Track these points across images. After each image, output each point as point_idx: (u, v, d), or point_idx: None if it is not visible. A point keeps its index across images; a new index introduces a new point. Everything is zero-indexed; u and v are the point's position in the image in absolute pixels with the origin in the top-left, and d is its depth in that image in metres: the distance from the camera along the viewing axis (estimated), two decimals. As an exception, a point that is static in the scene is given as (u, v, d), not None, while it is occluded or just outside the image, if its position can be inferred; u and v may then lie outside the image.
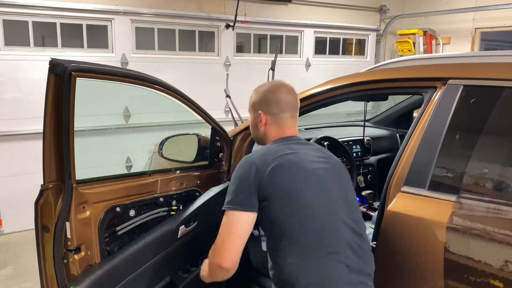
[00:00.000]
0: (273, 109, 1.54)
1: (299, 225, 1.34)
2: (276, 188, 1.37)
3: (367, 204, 2.96)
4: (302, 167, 1.42)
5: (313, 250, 1.33)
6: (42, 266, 1.57)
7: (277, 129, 1.55)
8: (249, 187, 1.36)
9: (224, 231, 1.37)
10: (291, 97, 1.57)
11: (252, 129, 1.64)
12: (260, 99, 1.57)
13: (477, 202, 1.42)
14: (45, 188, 1.50)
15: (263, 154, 1.44)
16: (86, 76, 1.47)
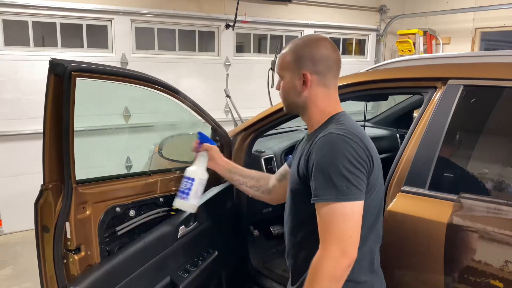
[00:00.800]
0: (320, 67, 1.28)
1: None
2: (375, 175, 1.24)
3: (367, 204, 2.95)
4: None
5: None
6: (42, 266, 1.57)
7: (325, 95, 1.31)
8: (363, 169, 1.16)
9: (350, 225, 1.12)
10: (337, 52, 1.33)
11: (288, 95, 1.35)
12: (302, 56, 1.29)
13: (477, 202, 1.42)
14: (45, 188, 1.50)
15: (357, 132, 1.22)
16: (86, 76, 1.47)
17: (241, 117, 2.71)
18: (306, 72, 1.28)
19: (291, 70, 1.31)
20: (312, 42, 1.31)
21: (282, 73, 1.34)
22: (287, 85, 1.33)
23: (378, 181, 1.27)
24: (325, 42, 1.32)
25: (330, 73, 1.30)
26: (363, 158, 1.16)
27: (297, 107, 1.36)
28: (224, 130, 2.17)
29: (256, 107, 2.65)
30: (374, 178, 1.23)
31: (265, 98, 3.00)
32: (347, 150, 1.15)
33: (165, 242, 1.80)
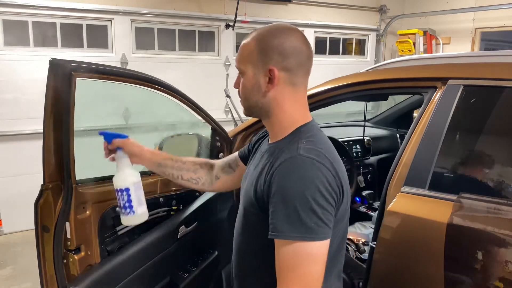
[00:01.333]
0: (290, 62, 1.06)
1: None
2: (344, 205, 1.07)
3: (367, 204, 2.96)
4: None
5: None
6: (42, 266, 1.57)
7: (292, 97, 1.10)
8: (332, 202, 0.99)
9: (316, 266, 0.96)
10: (309, 46, 1.11)
11: (249, 95, 1.11)
12: (269, 47, 1.06)
13: (477, 202, 1.42)
14: (45, 188, 1.50)
15: (330, 153, 1.04)
16: (86, 76, 1.47)
17: (241, 117, 2.71)
18: (273, 67, 1.06)
19: (255, 64, 1.08)
20: (282, 32, 1.08)
21: (243, 67, 1.10)
22: (249, 82, 1.09)
23: (347, 209, 1.10)
24: (297, 33, 1.10)
25: (301, 70, 1.09)
26: (334, 188, 0.99)
27: (259, 110, 1.12)
28: (224, 130, 2.17)
29: (256, 107, 2.64)
30: (344, 208, 1.06)
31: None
32: (318, 179, 0.96)
33: (165, 242, 1.80)
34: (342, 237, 1.12)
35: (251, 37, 1.10)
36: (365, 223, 2.68)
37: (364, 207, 2.96)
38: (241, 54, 1.11)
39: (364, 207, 2.95)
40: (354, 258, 2.29)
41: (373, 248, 1.64)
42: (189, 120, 2.16)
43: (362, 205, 2.99)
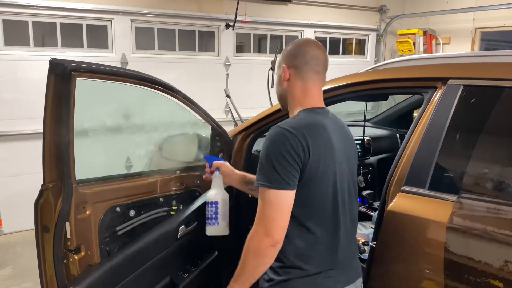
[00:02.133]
0: (297, 61, 1.40)
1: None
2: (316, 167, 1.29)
3: (367, 204, 2.96)
4: (332, 150, 1.34)
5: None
6: (42, 266, 1.57)
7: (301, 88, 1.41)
8: (293, 163, 1.25)
9: (273, 210, 1.24)
10: (319, 50, 1.44)
11: (276, 86, 1.52)
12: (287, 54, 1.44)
13: (477, 202, 1.42)
14: (45, 188, 1.50)
15: (300, 126, 1.30)
16: (86, 76, 1.47)
17: (241, 117, 2.71)
18: (285, 65, 1.42)
19: (279, 66, 1.47)
20: (296, 42, 1.47)
21: (276, 72, 1.52)
22: (276, 78, 1.50)
23: (322, 173, 1.30)
24: (307, 40, 1.47)
25: (307, 67, 1.40)
26: (297, 152, 1.25)
27: (281, 99, 1.49)
28: (224, 130, 2.17)
29: (256, 107, 2.65)
30: (313, 170, 1.28)
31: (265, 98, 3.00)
32: (282, 144, 1.25)
33: (165, 242, 1.81)
34: (325, 207, 1.33)
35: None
36: (365, 223, 2.68)
37: (364, 207, 2.95)
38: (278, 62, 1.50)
39: (364, 207, 2.95)
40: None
41: (373, 248, 1.64)
42: (189, 120, 2.16)
43: (362, 205, 2.99)
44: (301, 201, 1.29)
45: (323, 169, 1.30)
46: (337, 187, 1.35)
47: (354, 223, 1.47)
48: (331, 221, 1.35)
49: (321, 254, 1.34)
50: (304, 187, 1.29)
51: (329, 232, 1.35)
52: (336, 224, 1.36)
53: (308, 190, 1.29)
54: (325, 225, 1.34)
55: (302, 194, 1.29)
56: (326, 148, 1.32)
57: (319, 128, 1.34)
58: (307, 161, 1.26)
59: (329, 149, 1.33)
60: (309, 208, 1.32)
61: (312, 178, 1.29)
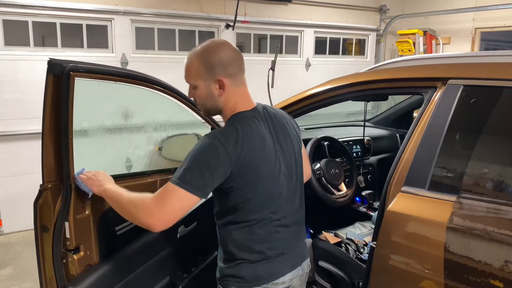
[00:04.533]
0: (231, 70, 1.38)
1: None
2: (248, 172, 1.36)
3: (367, 204, 2.96)
4: (267, 153, 1.40)
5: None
6: (42, 266, 1.57)
7: (236, 93, 1.41)
8: (211, 174, 1.30)
9: (172, 205, 1.29)
10: (240, 53, 1.43)
11: (206, 101, 1.43)
12: (213, 63, 1.36)
13: (477, 202, 1.42)
14: (44, 188, 1.50)
15: (232, 136, 1.34)
16: (85, 76, 1.47)
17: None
18: (221, 77, 1.37)
19: (205, 78, 1.39)
20: (217, 48, 1.39)
21: (195, 82, 1.42)
22: (203, 92, 1.41)
23: (248, 178, 1.35)
24: (228, 45, 1.42)
25: (240, 73, 1.42)
26: (221, 163, 1.29)
27: (214, 110, 1.46)
28: (224, 130, 2.16)
29: (256, 107, 2.64)
30: (242, 178, 1.34)
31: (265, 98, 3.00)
32: (210, 154, 1.30)
33: (165, 242, 1.80)
34: (259, 208, 1.40)
35: (194, 56, 1.42)
36: (365, 223, 2.68)
37: (364, 207, 2.95)
38: (189, 73, 1.43)
39: (364, 207, 2.95)
40: (354, 258, 2.29)
41: (373, 248, 1.64)
42: (189, 120, 2.16)
43: (362, 205, 2.99)
44: (237, 201, 1.37)
45: (255, 177, 1.36)
46: (275, 179, 1.41)
47: (301, 203, 1.56)
48: (272, 213, 1.42)
49: (265, 242, 1.42)
50: (239, 189, 1.35)
51: (273, 221, 1.43)
52: (281, 213, 1.45)
53: (243, 192, 1.36)
54: (268, 218, 1.42)
55: (238, 195, 1.36)
56: (260, 156, 1.36)
57: (254, 137, 1.37)
58: (231, 170, 1.31)
59: (263, 156, 1.37)
60: (245, 208, 1.38)
61: (247, 182, 1.35)
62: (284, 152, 1.46)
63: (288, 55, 5.75)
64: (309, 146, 2.62)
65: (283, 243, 1.46)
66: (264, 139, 1.39)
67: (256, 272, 1.42)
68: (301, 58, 5.80)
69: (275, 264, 1.44)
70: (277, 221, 1.44)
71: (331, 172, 2.61)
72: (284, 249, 1.46)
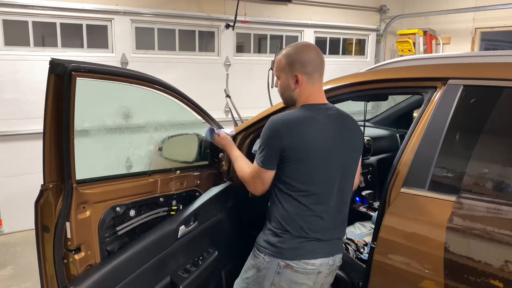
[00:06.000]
0: (307, 68, 1.59)
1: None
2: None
3: (367, 204, 2.96)
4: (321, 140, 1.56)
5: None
6: (42, 266, 1.57)
7: (310, 90, 1.61)
8: (272, 149, 1.53)
9: (255, 180, 1.61)
10: (320, 54, 1.64)
11: (284, 91, 1.68)
12: (294, 60, 1.61)
13: (477, 202, 1.42)
14: (45, 188, 1.50)
15: (290, 119, 1.55)
16: (86, 76, 1.47)
17: (241, 117, 2.71)
18: (297, 73, 1.59)
19: (286, 72, 1.62)
20: (301, 49, 1.62)
21: (279, 74, 1.67)
22: (283, 84, 1.65)
23: (299, 155, 1.53)
24: (311, 47, 1.64)
25: (317, 72, 1.61)
26: (276, 138, 1.52)
27: (290, 100, 1.68)
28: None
29: (256, 107, 2.65)
30: (290, 153, 1.53)
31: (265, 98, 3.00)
32: (269, 133, 1.54)
33: (165, 242, 1.81)
34: (306, 181, 1.55)
35: (282, 54, 1.65)
36: (365, 223, 2.68)
37: (364, 207, 2.96)
38: (276, 66, 1.67)
39: (364, 207, 2.95)
40: (354, 258, 2.29)
41: (373, 248, 1.64)
42: (189, 120, 2.16)
43: (362, 205, 2.99)
44: (288, 173, 1.55)
45: (306, 158, 1.53)
46: (326, 168, 1.56)
47: (345, 202, 1.66)
48: (319, 194, 1.56)
49: (307, 221, 1.55)
50: (290, 162, 1.53)
51: (317, 203, 1.56)
52: (325, 200, 1.57)
53: (294, 166, 1.54)
54: (313, 197, 1.56)
55: (290, 168, 1.54)
56: (315, 138, 1.54)
57: (311, 122, 1.55)
58: (283, 146, 1.51)
59: (317, 141, 1.54)
60: (295, 179, 1.55)
61: (290, 159, 1.53)
62: (341, 150, 1.59)
63: (288, 55, 5.74)
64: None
65: (322, 229, 1.58)
66: (323, 130, 1.55)
67: (293, 246, 1.55)
68: (301, 58, 5.79)
69: (311, 246, 1.56)
70: (322, 205, 1.57)
71: (331, 172, 2.61)
72: (322, 235, 1.58)
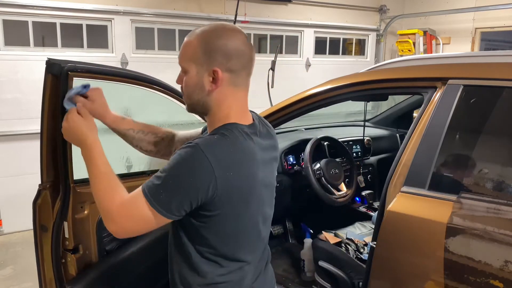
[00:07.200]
0: (232, 63, 1.10)
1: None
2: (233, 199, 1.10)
3: (367, 204, 2.96)
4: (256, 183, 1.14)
5: None
6: (41, 266, 1.57)
7: (232, 96, 1.14)
8: (189, 195, 1.03)
9: (138, 219, 1.07)
10: (252, 49, 1.17)
11: (192, 93, 1.14)
12: (214, 48, 1.08)
13: (477, 202, 1.42)
14: (43, 188, 1.50)
15: (224, 153, 1.06)
16: (83, 76, 1.47)
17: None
18: (217, 68, 1.09)
19: (199, 63, 1.10)
20: (227, 33, 1.11)
21: (186, 66, 1.12)
22: (192, 80, 1.12)
23: (231, 209, 1.09)
24: (241, 35, 1.14)
25: (244, 72, 1.15)
26: (204, 185, 1.02)
27: (201, 107, 1.16)
28: (224, 130, 2.16)
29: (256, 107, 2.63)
30: (219, 204, 1.06)
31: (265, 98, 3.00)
32: (192, 171, 1.02)
33: (165, 242, 1.80)
34: (239, 240, 1.16)
35: (195, 35, 1.12)
36: (365, 223, 2.68)
37: (364, 207, 2.95)
38: (184, 52, 1.13)
39: (364, 207, 2.95)
40: (354, 258, 2.29)
41: (373, 248, 1.64)
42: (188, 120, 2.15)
43: (362, 205, 2.99)
44: (215, 235, 1.12)
45: (235, 209, 1.10)
46: (251, 221, 1.18)
47: (266, 240, 1.32)
48: (249, 250, 1.21)
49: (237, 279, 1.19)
50: (209, 221, 1.10)
51: (245, 260, 1.20)
52: (247, 256, 1.21)
53: (223, 225, 1.11)
54: (244, 254, 1.19)
55: (217, 229, 1.11)
56: (248, 186, 1.11)
57: (247, 162, 1.10)
58: (216, 198, 1.05)
59: (251, 187, 1.12)
60: (224, 242, 1.14)
61: (219, 216, 1.09)
62: (270, 186, 1.25)
63: (288, 55, 5.75)
64: (309, 146, 2.62)
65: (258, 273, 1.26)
66: (258, 167, 1.12)
67: None
68: (301, 58, 5.80)
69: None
70: (249, 264, 1.21)
71: (331, 172, 2.61)
72: (259, 270, 1.27)
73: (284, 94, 2.30)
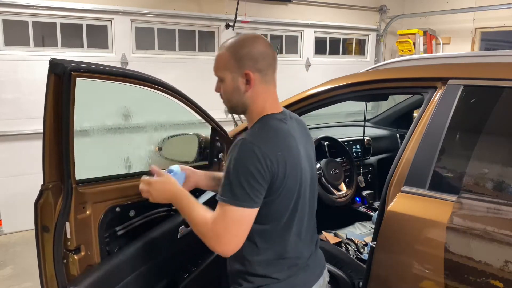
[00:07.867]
0: (260, 64, 1.30)
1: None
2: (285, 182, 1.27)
3: (367, 204, 2.96)
4: (299, 160, 1.33)
5: None
6: (42, 266, 1.57)
7: (265, 92, 1.33)
8: (258, 181, 1.21)
9: (237, 226, 1.23)
10: (270, 47, 1.35)
11: (231, 97, 1.34)
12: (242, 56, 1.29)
13: (477, 202, 1.42)
14: (45, 188, 1.50)
15: (268, 139, 1.25)
16: (86, 76, 1.47)
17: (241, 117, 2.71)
18: (248, 71, 1.28)
19: (232, 70, 1.30)
20: (249, 41, 1.32)
21: (222, 75, 1.33)
22: (229, 86, 1.32)
23: (288, 188, 1.28)
24: (262, 40, 1.34)
25: (270, 69, 1.33)
26: (265, 169, 1.20)
27: (241, 107, 1.35)
28: (224, 130, 2.17)
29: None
30: (281, 186, 1.25)
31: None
32: (251, 161, 1.19)
33: (165, 242, 1.80)
34: (289, 213, 1.32)
35: (225, 48, 1.33)
36: (365, 223, 2.68)
37: (364, 207, 2.96)
38: (218, 64, 1.34)
39: (364, 207, 2.95)
40: (354, 258, 2.29)
41: (373, 248, 1.64)
42: (189, 120, 2.16)
43: (362, 205, 2.99)
44: (266, 215, 1.27)
45: (290, 184, 1.28)
46: (300, 194, 1.33)
47: (314, 221, 1.49)
48: (293, 228, 1.35)
49: (288, 262, 1.35)
50: (271, 202, 1.27)
51: (291, 238, 1.35)
52: (299, 230, 1.37)
53: (275, 205, 1.28)
54: (287, 233, 1.34)
55: (269, 208, 1.27)
56: (295, 161, 1.29)
57: (288, 139, 1.30)
58: (276, 178, 1.23)
59: (297, 161, 1.30)
60: (272, 222, 1.30)
61: (280, 194, 1.26)
62: (309, 160, 1.41)
63: (288, 55, 5.75)
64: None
65: (306, 257, 1.42)
66: (296, 145, 1.31)
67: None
68: (301, 58, 5.80)
69: (302, 277, 1.39)
70: (300, 236, 1.38)
71: (331, 172, 2.61)
72: (308, 264, 1.43)
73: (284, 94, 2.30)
